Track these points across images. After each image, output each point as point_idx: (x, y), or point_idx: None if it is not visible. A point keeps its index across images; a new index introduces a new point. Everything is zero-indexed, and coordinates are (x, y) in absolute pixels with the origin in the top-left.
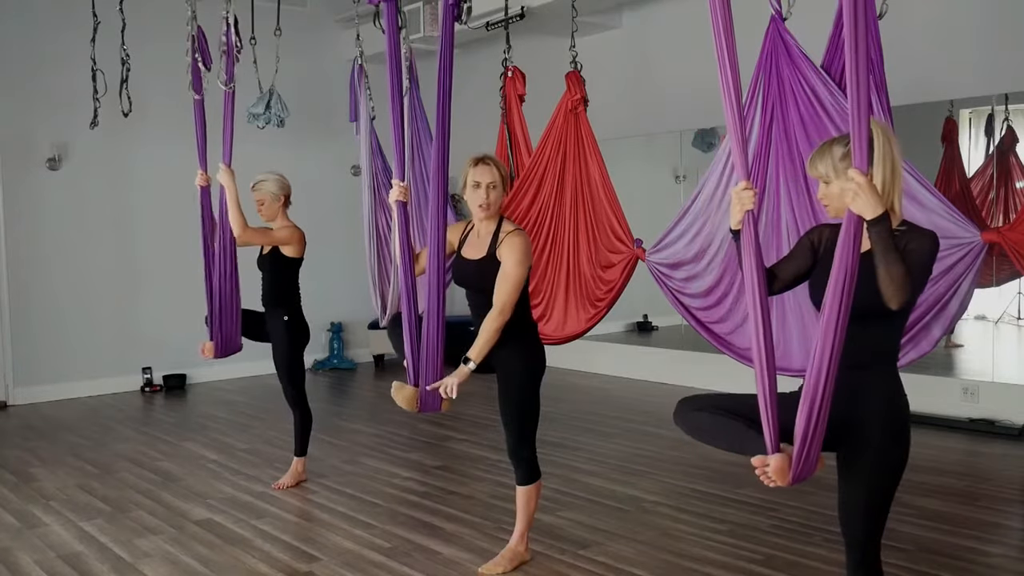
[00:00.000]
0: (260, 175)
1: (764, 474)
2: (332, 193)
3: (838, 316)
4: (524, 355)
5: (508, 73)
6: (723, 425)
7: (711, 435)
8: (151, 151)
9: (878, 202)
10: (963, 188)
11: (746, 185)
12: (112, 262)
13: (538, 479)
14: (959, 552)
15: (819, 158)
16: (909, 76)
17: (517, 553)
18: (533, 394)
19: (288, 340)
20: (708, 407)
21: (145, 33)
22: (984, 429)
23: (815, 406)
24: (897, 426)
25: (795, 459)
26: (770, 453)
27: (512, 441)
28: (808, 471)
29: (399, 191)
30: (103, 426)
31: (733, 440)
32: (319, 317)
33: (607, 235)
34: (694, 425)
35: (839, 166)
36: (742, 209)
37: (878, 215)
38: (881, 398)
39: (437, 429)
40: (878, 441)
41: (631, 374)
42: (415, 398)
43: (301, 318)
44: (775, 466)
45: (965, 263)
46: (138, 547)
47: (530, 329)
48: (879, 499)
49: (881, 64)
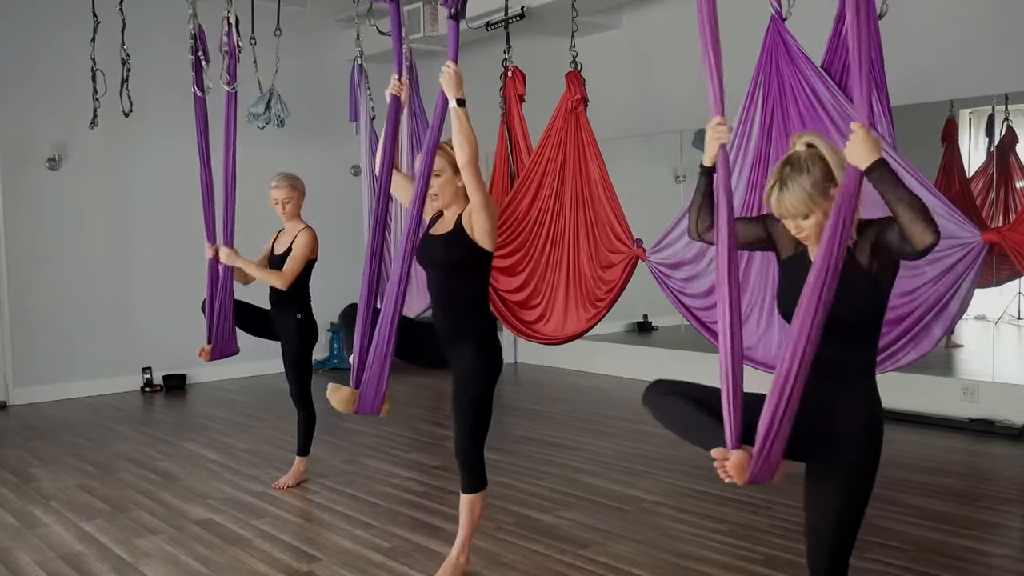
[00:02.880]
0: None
1: (723, 468)
2: (332, 193)
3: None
4: (480, 353)
5: (508, 73)
6: (691, 416)
7: (678, 424)
8: (151, 151)
9: (877, 147)
10: (963, 188)
11: (720, 120)
12: (112, 262)
13: (484, 488)
14: (959, 552)
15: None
16: (909, 76)
17: (458, 565)
18: (487, 397)
19: (299, 339)
20: (679, 394)
21: (145, 33)
22: (984, 429)
23: (779, 408)
24: (875, 441)
25: (754, 458)
26: (730, 448)
27: (461, 441)
28: (767, 474)
29: (395, 84)
30: (103, 426)
31: (697, 433)
32: (319, 317)
33: (607, 235)
34: (663, 410)
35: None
36: (716, 142)
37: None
38: (860, 412)
39: (437, 429)
40: (855, 455)
41: (631, 374)
42: (352, 400)
43: (312, 318)
44: (734, 461)
45: (965, 263)
46: (138, 547)
47: (489, 326)
48: (853, 513)
49: (881, 64)
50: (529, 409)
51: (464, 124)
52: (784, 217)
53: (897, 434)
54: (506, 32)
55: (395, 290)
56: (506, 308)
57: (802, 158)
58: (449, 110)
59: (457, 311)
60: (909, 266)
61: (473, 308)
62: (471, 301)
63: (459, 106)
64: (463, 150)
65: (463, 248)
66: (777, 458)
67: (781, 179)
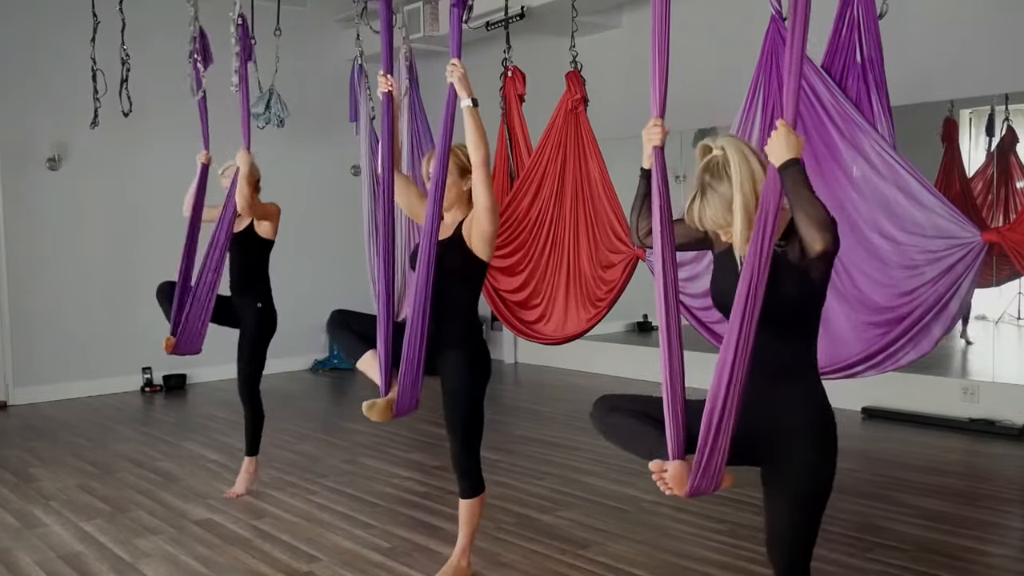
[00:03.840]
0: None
1: (661, 480)
2: (332, 193)
3: (743, 315)
4: (470, 360)
5: (508, 73)
6: (636, 430)
7: (624, 439)
8: (151, 151)
9: (795, 147)
10: (963, 188)
11: (656, 121)
12: (112, 262)
13: (482, 492)
14: (959, 552)
15: (707, 207)
16: (909, 76)
17: (459, 569)
18: (478, 402)
19: (258, 330)
20: (623, 409)
21: (145, 33)
22: (984, 429)
23: (716, 415)
24: (825, 439)
25: (694, 469)
26: (672, 459)
27: (456, 449)
28: (709, 484)
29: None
30: (103, 426)
31: (642, 446)
32: (319, 317)
33: (607, 235)
34: (608, 427)
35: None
36: (650, 144)
37: (793, 157)
38: (807, 411)
39: (437, 429)
40: (805, 456)
41: (631, 374)
42: (389, 408)
43: (272, 307)
44: (672, 472)
45: (965, 263)
46: (138, 547)
47: (477, 332)
48: (807, 518)
49: (881, 64)
50: (529, 409)
51: (480, 124)
52: (708, 229)
53: (897, 434)
54: (506, 32)
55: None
56: (506, 308)
57: (719, 164)
58: (461, 109)
59: (446, 319)
60: (909, 266)
61: (462, 316)
62: (461, 309)
63: (473, 106)
64: (480, 150)
65: (460, 257)
66: (719, 466)
67: (701, 188)
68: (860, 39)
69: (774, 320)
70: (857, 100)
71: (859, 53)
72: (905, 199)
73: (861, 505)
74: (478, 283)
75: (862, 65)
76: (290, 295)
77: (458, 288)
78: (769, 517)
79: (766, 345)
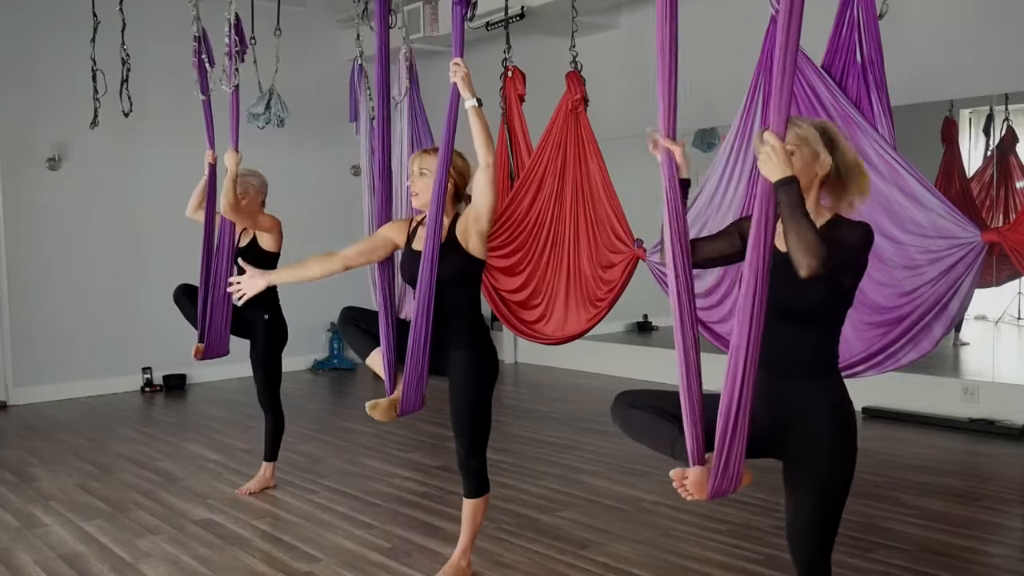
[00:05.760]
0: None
1: (683, 487)
2: (332, 193)
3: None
4: (476, 360)
5: (508, 73)
6: (657, 427)
7: (644, 435)
8: (151, 151)
9: (787, 165)
10: (963, 188)
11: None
12: (112, 262)
13: (486, 492)
14: (959, 552)
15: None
16: (909, 76)
17: (460, 569)
18: (485, 402)
19: (267, 340)
20: (644, 405)
21: (145, 33)
22: (984, 429)
23: (731, 414)
24: (848, 433)
25: (712, 471)
26: (692, 464)
27: (462, 450)
28: (729, 484)
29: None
30: (103, 426)
31: (664, 444)
32: (319, 318)
33: (607, 235)
34: (629, 423)
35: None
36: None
37: (786, 176)
38: (830, 404)
39: (437, 429)
40: (826, 452)
41: (631, 374)
42: (394, 407)
43: (281, 317)
44: (693, 479)
45: (965, 263)
46: (138, 547)
47: (483, 332)
48: (828, 513)
49: (881, 64)
50: (529, 409)
51: (486, 124)
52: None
53: (897, 434)
54: (506, 32)
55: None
56: (506, 308)
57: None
58: (466, 109)
59: (451, 320)
60: (909, 266)
61: (466, 316)
62: (464, 310)
63: (478, 106)
64: (489, 149)
65: (456, 260)
66: (738, 467)
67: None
68: (860, 39)
69: (800, 317)
70: (857, 100)
71: (859, 53)
72: (905, 199)
73: (862, 505)
74: (478, 282)
75: (862, 65)
76: (290, 295)
77: (459, 289)
78: (792, 511)
79: (791, 340)
